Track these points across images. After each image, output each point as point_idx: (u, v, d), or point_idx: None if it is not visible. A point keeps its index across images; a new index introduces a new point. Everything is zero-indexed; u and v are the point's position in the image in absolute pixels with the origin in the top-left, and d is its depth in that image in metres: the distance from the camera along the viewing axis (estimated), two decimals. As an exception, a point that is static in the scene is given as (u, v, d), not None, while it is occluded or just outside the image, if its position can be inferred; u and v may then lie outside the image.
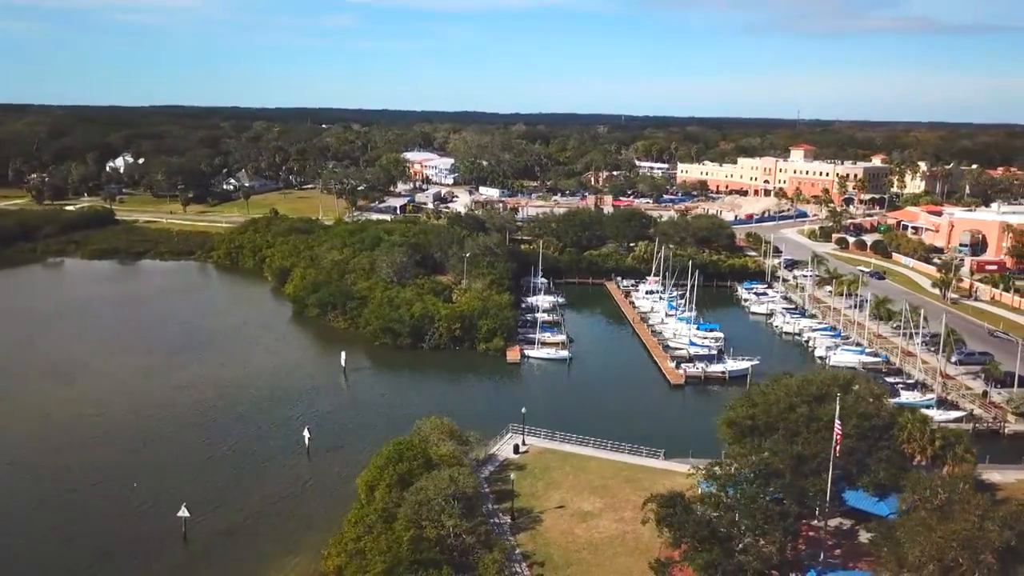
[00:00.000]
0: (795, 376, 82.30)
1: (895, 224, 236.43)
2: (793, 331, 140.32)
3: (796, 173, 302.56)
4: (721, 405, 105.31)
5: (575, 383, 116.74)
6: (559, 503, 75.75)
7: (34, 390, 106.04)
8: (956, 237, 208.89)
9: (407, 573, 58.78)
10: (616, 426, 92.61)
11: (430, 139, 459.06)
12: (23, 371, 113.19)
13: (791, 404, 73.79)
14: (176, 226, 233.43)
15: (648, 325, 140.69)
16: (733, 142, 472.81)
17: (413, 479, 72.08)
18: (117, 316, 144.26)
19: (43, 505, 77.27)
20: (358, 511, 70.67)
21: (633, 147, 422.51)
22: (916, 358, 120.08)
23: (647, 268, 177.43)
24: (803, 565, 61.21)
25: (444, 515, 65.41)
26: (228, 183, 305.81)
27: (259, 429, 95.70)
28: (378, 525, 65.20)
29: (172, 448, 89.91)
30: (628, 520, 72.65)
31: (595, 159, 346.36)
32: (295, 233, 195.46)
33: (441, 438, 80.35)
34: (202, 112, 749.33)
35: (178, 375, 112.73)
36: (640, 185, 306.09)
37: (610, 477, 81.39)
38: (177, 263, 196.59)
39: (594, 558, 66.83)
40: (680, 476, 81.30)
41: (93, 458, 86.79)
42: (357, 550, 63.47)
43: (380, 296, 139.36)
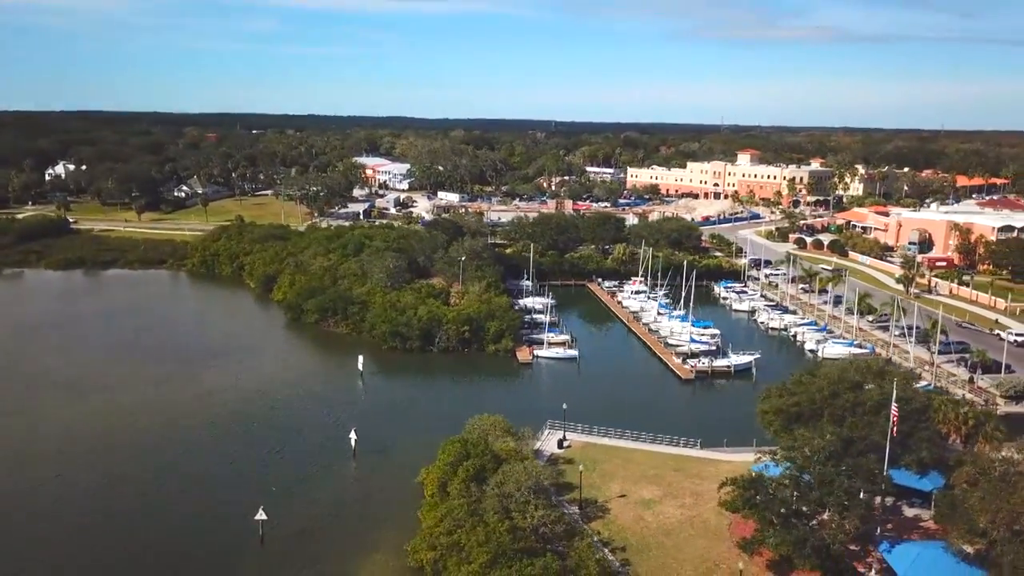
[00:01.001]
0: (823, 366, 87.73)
1: (844, 224, 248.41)
2: (779, 327, 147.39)
3: (745, 176, 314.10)
4: (735, 397, 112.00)
5: (589, 381, 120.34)
6: (619, 492, 79.19)
7: (55, 402, 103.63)
8: (904, 236, 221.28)
9: (510, 562, 61.24)
10: (639, 420, 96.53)
11: (376, 144, 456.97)
12: (35, 383, 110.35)
13: (834, 391, 78.93)
14: (137, 234, 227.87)
15: (643, 324, 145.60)
16: (673, 147, 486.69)
17: (486, 474, 74.64)
18: (109, 327, 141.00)
19: (115, 511, 76.89)
20: (436, 507, 72.66)
21: (578, 152, 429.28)
22: (899, 348, 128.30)
23: (627, 270, 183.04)
24: (874, 539, 66.08)
25: (530, 506, 68.21)
26: (180, 190, 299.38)
27: (300, 434, 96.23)
28: (470, 519, 67.35)
29: (224, 455, 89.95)
30: (690, 506, 76.74)
31: (547, 164, 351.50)
32: (271, 240, 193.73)
33: (498, 435, 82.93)
34: (124, 118, 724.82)
35: (196, 385, 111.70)
36: (596, 190, 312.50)
37: (658, 467, 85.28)
38: (148, 272, 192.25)
39: (670, 541, 70.52)
40: (723, 464, 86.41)
41: (148, 466, 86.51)
42: (452, 543, 65.52)
43: (381, 301, 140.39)
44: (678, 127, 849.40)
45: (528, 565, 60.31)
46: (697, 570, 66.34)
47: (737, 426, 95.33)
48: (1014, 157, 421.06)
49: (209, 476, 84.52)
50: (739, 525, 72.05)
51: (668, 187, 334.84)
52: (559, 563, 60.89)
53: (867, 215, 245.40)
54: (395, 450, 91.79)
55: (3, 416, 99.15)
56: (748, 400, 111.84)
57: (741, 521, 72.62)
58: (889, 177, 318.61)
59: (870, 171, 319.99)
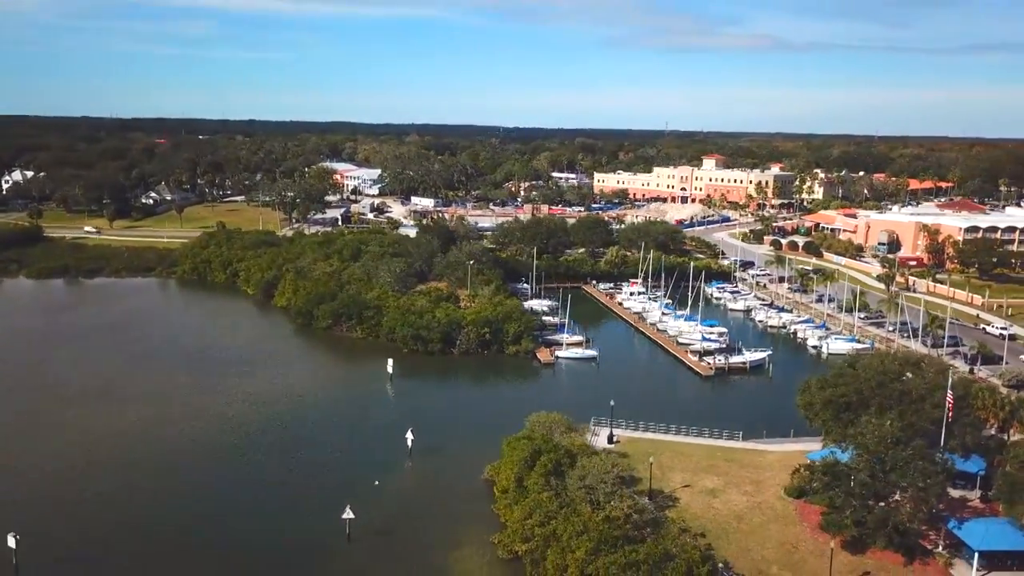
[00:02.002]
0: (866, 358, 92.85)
1: (813, 226, 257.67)
2: (778, 325, 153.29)
3: (712, 181, 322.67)
4: (755, 391, 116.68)
5: (611, 379, 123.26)
6: (682, 483, 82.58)
7: (99, 413, 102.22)
8: (872, 237, 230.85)
9: (612, 549, 63.97)
10: (671, 415, 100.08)
11: (337, 149, 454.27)
12: (69, 395, 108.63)
13: (881, 382, 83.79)
14: (115, 242, 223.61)
15: (650, 324, 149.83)
16: (631, 152, 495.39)
17: (563, 468, 77.32)
18: (121, 337, 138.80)
19: (202, 515, 77.37)
20: (518, 501, 74.88)
21: (541, 157, 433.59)
22: (894, 343, 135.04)
23: (620, 272, 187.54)
24: (941, 516, 70.74)
25: (616, 496, 71.14)
26: (148, 197, 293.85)
27: (352, 435, 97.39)
28: (561, 510, 69.88)
29: (288, 458, 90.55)
30: (752, 493, 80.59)
31: (516, 170, 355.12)
32: (263, 246, 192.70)
33: (562, 431, 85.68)
34: (61, 123, 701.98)
35: (227, 392, 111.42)
36: (567, 194, 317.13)
37: (711, 458, 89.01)
38: (137, 280, 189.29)
39: (745, 527, 74.18)
40: (768, 454, 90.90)
41: (219, 471, 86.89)
42: (547, 534, 67.94)
43: (396, 305, 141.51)
44: (624, 132, 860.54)
45: (632, 551, 63.11)
46: (779, 551, 70.09)
47: (769, 418, 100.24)
48: (953, 161, 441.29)
49: (283, 478, 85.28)
50: (805, 510, 76.25)
51: (635, 192, 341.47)
52: (661, 548, 63.76)
53: (835, 217, 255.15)
54: (449, 449, 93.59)
55: (52, 427, 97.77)
56: (769, 394, 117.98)
57: (805, 506, 76.95)
58: (847, 181, 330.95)
59: (829, 175, 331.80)
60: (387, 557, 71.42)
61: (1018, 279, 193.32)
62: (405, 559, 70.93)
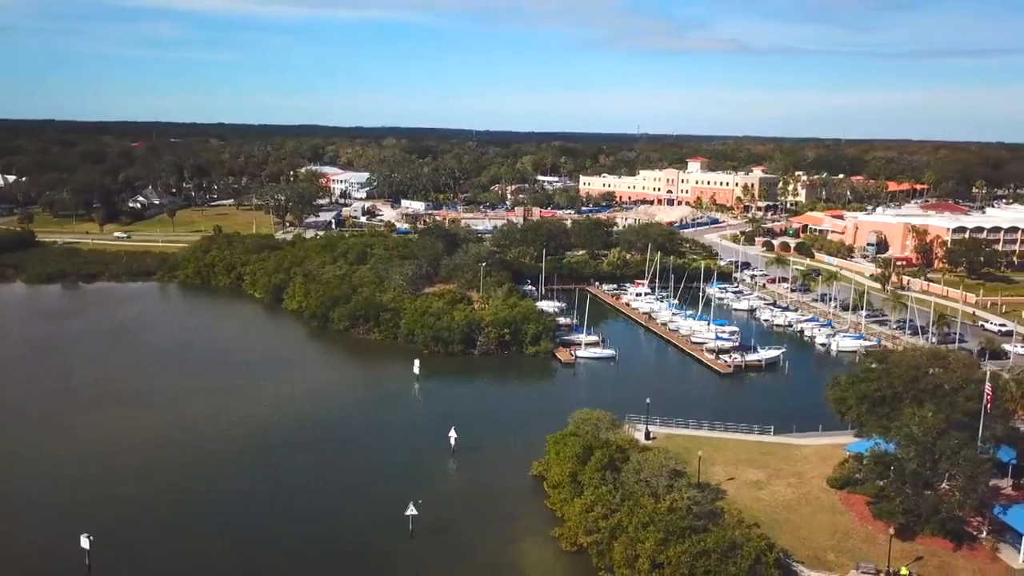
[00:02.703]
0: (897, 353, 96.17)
1: (801, 228, 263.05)
2: (784, 323, 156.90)
3: (698, 183, 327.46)
4: (774, 388, 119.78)
5: (632, 377, 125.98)
6: (727, 476, 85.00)
7: (133, 416, 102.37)
8: (861, 238, 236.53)
9: (680, 539, 66.10)
10: (697, 411, 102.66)
11: (319, 153, 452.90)
12: (98, 395, 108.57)
13: (913, 376, 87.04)
14: (110, 246, 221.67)
15: (661, 324, 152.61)
16: (611, 155, 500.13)
17: (616, 463, 79.41)
18: (134, 341, 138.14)
19: (261, 513, 78.13)
20: (579, 495, 76.73)
21: (525, 160, 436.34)
22: (899, 340, 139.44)
23: (621, 273, 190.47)
24: (985, 504, 73.87)
25: (675, 489, 73.37)
26: (135, 201, 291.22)
27: (392, 435, 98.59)
28: (624, 503, 71.91)
29: (334, 457, 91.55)
30: (796, 485, 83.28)
31: (502, 173, 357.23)
32: (266, 250, 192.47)
33: (607, 427, 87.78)
34: (28, 126, 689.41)
35: (257, 394, 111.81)
36: (556, 197, 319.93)
37: (748, 452, 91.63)
38: (139, 284, 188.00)
39: (796, 516, 76.77)
40: (802, 447, 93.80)
41: (270, 471, 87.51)
42: (613, 526, 69.92)
43: (413, 307, 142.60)
44: (596, 136, 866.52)
45: (699, 541, 65.28)
46: (832, 539, 72.74)
47: (792, 413, 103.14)
48: (924, 164, 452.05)
49: (333, 476, 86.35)
50: (850, 500, 79.12)
51: (622, 194, 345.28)
52: (728, 538, 66.01)
53: (823, 219, 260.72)
54: (490, 447, 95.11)
55: (99, 429, 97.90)
56: (787, 390, 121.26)
57: (849, 496, 79.85)
58: (828, 183, 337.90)
59: (811, 178, 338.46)
60: (454, 553, 72.78)
61: (1002, 278, 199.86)
62: (472, 554, 72.40)
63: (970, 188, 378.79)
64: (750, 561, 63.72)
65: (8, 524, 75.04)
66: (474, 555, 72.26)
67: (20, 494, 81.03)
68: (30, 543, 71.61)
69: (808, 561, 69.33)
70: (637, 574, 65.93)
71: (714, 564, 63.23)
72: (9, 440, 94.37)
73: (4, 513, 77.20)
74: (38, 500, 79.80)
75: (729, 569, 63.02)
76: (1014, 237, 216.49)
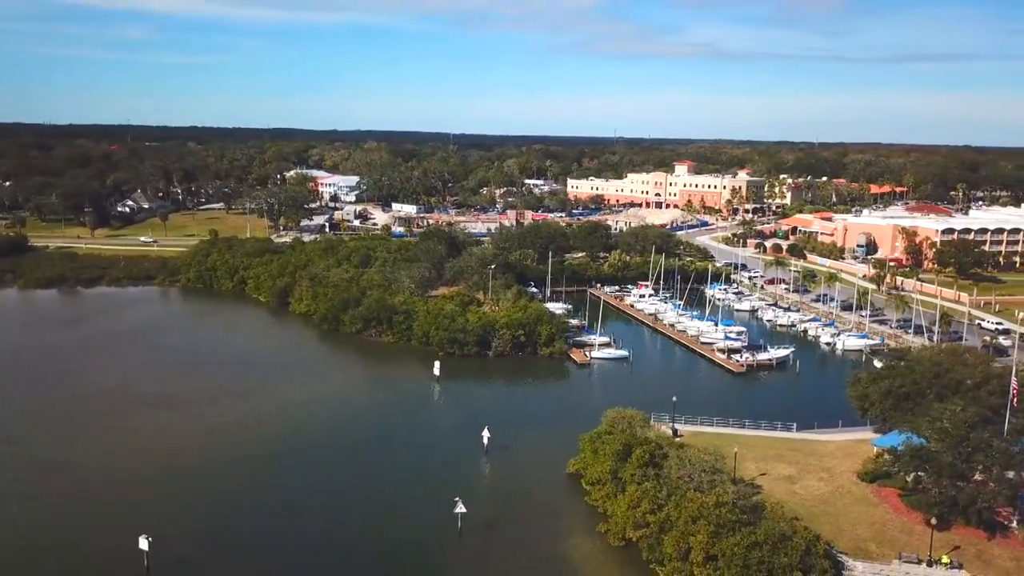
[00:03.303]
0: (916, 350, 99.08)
1: (791, 230, 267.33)
2: (787, 323, 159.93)
3: (686, 186, 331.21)
4: (788, 386, 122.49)
5: (647, 377, 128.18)
6: (759, 471, 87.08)
7: (163, 418, 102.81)
8: (850, 239, 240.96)
9: (731, 532, 67.96)
10: (716, 409, 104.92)
11: (303, 157, 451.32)
12: (123, 402, 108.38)
13: (936, 373, 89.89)
14: (106, 251, 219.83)
15: (668, 325, 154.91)
16: (595, 158, 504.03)
17: (657, 459, 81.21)
18: (149, 345, 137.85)
19: (313, 512, 78.74)
20: (622, 491, 78.38)
21: (511, 163, 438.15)
22: (901, 339, 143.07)
23: (622, 275, 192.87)
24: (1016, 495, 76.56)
25: (719, 484, 75.30)
26: (124, 205, 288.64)
27: (424, 435, 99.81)
28: (672, 498, 73.66)
29: (372, 457, 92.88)
30: (827, 479, 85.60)
31: (491, 176, 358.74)
32: (267, 253, 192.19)
33: (640, 425, 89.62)
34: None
35: (281, 396, 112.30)
36: (546, 201, 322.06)
37: (775, 448, 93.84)
38: (140, 289, 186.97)
39: (832, 509, 78.99)
40: (827, 443, 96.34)
41: (313, 470, 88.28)
42: (662, 520, 71.65)
43: (425, 309, 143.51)
44: (573, 139, 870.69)
45: (751, 533, 67.18)
46: (870, 531, 75.03)
47: (808, 410, 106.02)
48: (901, 167, 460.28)
49: (375, 475, 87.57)
50: (881, 492, 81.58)
51: (610, 197, 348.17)
52: (778, 530, 67.96)
53: (811, 221, 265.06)
54: (522, 446, 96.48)
55: (143, 431, 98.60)
56: (800, 388, 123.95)
57: (880, 489, 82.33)
58: (813, 186, 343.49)
59: (796, 180, 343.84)
60: (505, 549, 74.17)
61: (990, 278, 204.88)
62: (522, 550, 73.77)
63: (948, 191, 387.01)
64: (800, 552, 65.70)
65: (66, 525, 75.51)
66: (525, 551, 73.63)
67: (74, 497, 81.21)
68: (89, 545, 71.92)
69: (851, 552, 71.54)
70: (690, 566, 67.70)
71: (767, 555, 65.10)
72: (49, 445, 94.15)
73: (63, 514, 77.66)
74: (91, 503, 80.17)
75: (781, 560, 64.93)
76: (1000, 238, 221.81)
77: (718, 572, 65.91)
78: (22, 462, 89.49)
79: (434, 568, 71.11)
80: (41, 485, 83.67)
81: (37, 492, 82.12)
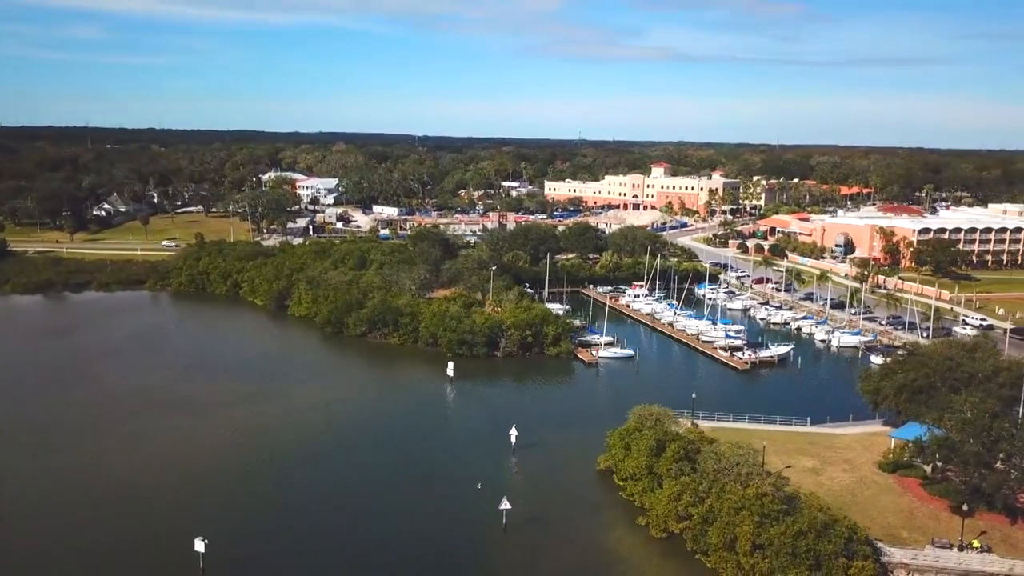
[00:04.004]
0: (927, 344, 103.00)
1: (769, 230, 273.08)
2: (780, 321, 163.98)
3: (663, 188, 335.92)
4: (792, 381, 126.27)
5: (655, 375, 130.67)
6: (783, 464, 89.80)
7: (186, 422, 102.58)
8: (828, 239, 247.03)
9: (774, 521, 70.51)
10: (727, 405, 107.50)
11: (276, 159, 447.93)
12: (145, 407, 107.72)
13: (948, 366, 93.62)
14: (89, 255, 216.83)
15: (667, 324, 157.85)
16: (567, 160, 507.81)
17: (690, 453, 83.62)
18: (155, 350, 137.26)
19: (359, 512, 79.53)
20: (655, 486, 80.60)
21: (485, 166, 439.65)
22: (891, 335, 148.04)
23: (614, 276, 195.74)
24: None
25: (756, 476, 77.87)
26: (101, 209, 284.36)
27: (450, 434, 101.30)
28: (712, 490, 76.03)
29: (401, 457, 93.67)
30: (850, 470, 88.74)
31: (469, 178, 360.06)
32: (259, 257, 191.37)
33: (670, 421, 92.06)
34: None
35: (300, 399, 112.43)
36: (527, 202, 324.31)
37: (794, 442, 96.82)
38: (131, 294, 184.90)
39: (861, 498, 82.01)
40: (843, 436, 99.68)
41: (355, 468, 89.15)
42: (705, 512, 73.96)
43: (430, 311, 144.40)
44: (538, 142, 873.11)
45: (795, 522, 69.83)
46: (899, 518, 78.19)
47: (816, 404, 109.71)
48: (865, 168, 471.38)
49: (414, 475, 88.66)
50: (904, 482, 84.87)
51: (588, 199, 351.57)
52: (820, 519, 70.65)
53: (790, 221, 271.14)
54: (547, 444, 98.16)
55: (157, 437, 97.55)
56: (804, 384, 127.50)
57: (902, 479, 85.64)
58: (786, 187, 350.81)
59: (770, 182, 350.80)
60: (552, 542, 75.73)
61: (964, 276, 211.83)
62: (569, 543, 75.53)
63: (914, 191, 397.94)
64: (843, 539, 68.52)
65: (123, 525, 75.67)
66: (571, 544, 75.41)
67: (119, 501, 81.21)
68: (144, 547, 72.10)
69: (885, 539, 74.53)
70: (736, 556, 70.10)
71: (812, 543, 67.74)
72: (79, 450, 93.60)
73: (119, 515, 77.86)
74: (140, 505, 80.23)
75: (826, 547, 67.63)
76: (973, 237, 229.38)
77: (766, 560, 68.45)
78: (60, 466, 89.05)
79: (488, 562, 72.52)
80: (82, 489, 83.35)
81: (78, 496, 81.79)
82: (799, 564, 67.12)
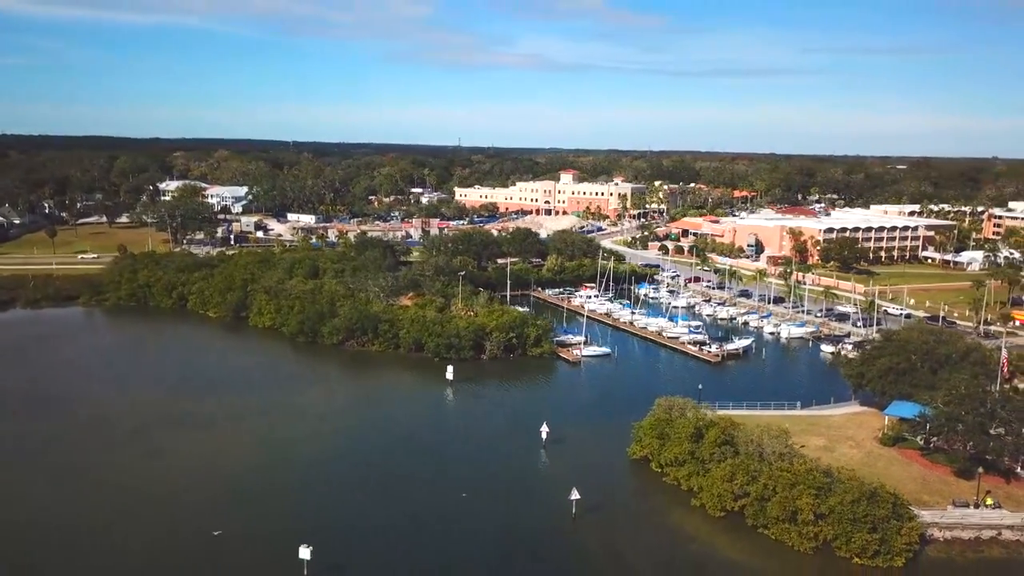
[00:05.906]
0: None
1: (681, 232, 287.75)
2: (726, 317, 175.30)
3: (574, 194, 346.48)
4: (762, 369, 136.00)
5: (635, 370, 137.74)
6: (798, 444, 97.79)
7: (199, 437, 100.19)
8: (740, 239, 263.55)
9: (827, 493, 78.26)
10: (711, 394, 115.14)
11: (168, 167, 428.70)
12: (147, 424, 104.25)
13: (926, 350, 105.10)
14: (4, 271, 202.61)
15: (625, 322, 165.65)
16: (466, 167, 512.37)
17: (728, 438, 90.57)
18: (129, 368, 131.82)
19: (439, 514, 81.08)
20: (700, 470, 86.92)
21: (388, 171, 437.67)
22: (830, 326, 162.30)
23: (560, 278, 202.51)
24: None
25: (795, 456, 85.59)
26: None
27: (473, 434, 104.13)
28: (764, 468, 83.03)
29: (445, 460, 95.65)
30: (855, 446, 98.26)
31: (379, 185, 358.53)
32: (201, 268, 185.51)
33: (692, 410, 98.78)
34: None
35: (297, 410, 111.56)
36: (443, 208, 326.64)
37: (795, 424, 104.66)
38: (66, 311, 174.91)
39: (874, 471, 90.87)
40: (836, 417, 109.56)
41: (399, 475, 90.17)
42: (760, 489, 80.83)
43: (408, 317, 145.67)
44: (416, 148, 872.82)
45: (847, 491, 77.75)
46: (915, 484, 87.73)
47: (796, 388, 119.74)
48: (744, 173, 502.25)
49: (466, 475, 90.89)
50: (906, 453, 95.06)
51: (499, 204, 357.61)
52: (867, 488, 78.84)
53: (701, 223, 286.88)
54: (573, 438, 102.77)
55: (173, 452, 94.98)
56: (771, 372, 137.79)
57: (903, 451, 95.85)
58: (686, 192, 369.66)
59: (672, 187, 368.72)
60: (624, 526, 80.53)
61: (866, 271, 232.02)
62: (638, 527, 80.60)
63: (795, 194, 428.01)
64: (891, 503, 77.01)
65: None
66: (640, 527, 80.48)
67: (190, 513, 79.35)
68: (247, 554, 71.68)
69: (913, 503, 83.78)
70: (799, 526, 77.25)
71: (867, 508, 75.82)
72: (113, 468, 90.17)
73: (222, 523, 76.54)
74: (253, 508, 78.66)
75: (879, 512, 75.86)
76: (869, 235, 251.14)
77: (829, 527, 76.03)
78: (107, 482, 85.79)
79: (573, 545, 76.44)
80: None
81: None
82: (860, 528, 75.01)
